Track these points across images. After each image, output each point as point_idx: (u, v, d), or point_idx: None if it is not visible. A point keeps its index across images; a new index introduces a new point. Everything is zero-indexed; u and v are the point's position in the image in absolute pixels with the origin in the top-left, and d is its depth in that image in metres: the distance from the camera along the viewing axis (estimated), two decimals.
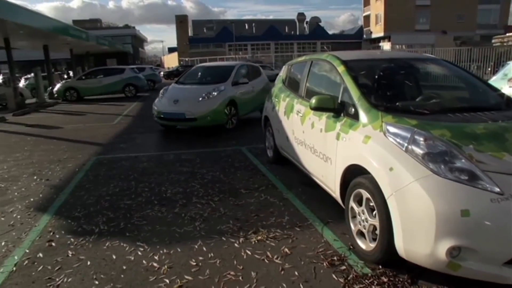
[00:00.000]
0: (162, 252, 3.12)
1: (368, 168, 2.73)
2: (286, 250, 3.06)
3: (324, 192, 3.81)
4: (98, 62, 35.31)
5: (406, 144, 2.54)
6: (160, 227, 3.63)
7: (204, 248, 3.15)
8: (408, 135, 2.58)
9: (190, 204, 4.19)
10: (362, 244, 2.91)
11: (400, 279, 2.58)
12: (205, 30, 66.42)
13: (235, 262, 2.91)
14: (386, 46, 48.24)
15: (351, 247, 3.05)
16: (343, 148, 3.16)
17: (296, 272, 2.74)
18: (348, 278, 2.63)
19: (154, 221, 3.78)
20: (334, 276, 2.68)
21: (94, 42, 25.35)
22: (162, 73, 37.86)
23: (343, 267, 2.78)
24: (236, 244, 3.20)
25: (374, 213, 2.72)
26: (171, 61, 63.37)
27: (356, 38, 58.93)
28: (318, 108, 3.42)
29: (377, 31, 52.13)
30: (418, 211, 2.31)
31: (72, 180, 5.28)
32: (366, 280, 2.58)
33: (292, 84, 5.07)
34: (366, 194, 2.79)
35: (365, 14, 57.12)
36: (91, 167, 5.96)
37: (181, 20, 62.62)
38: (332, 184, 3.42)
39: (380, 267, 2.72)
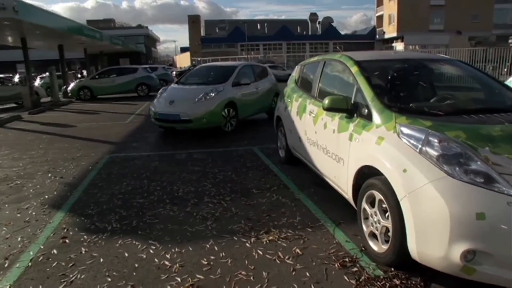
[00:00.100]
0: (174, 250, 3.14)
1: (381, 170, 2.71)
2: (298, 250, 3.05)
3: (336, 193, 3.80)
4: (112, 61, 35.68)
5: (420, 146, 2.52)
6: (172, 225, 3.65)
7: (216, 248, 3.16)
8: (422, 136, 2.55)
9: (202, 203, 4.21)
10: (374, 245, 2.89)
11: (413, 282, 2.55)
12: (217, 30, 66.64)
13: (246, 262, 2.92)
14: (399, 46, 47.78)
15: (363, 248, 3.03)
16: (356, 149, 3.14)
17: (307, 273, 2.74)
18: (360, 280, 2.61)
19: (166, 219, 3.80)
20: (345, 277, 2.67)
21: (108, 42, 25.62)
22: (174, 72, 38.11)
23: (355, 269, 2.77)
24: (247, 244, 3.20)
25: (387, 214, 2.69)
26: (183, 60, 63.67)
27: (368, 38, 58.51)
28: (331, 109, 3.41)
29: (390, 31, 51.67)
30: (432, 214, 2.28)
31: (85, 178, 5.35)
32: (378, 282, 2.56)
33: (304, 85, 5.06)
34: (379, 196, 2.77)
35: (378, 14, 56.67)
36: (104, 166, 6.03)
37: (193, 20, 62.92)
38: (344, 185, 3.40)
39: (393, 269, 2.70)
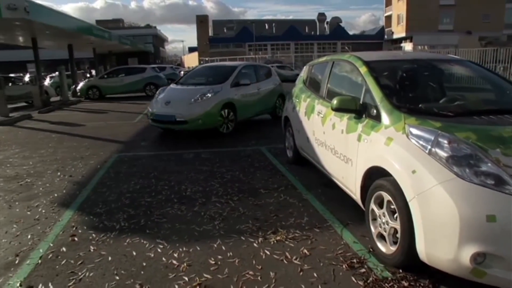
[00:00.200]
0: (181, 250, 3.15)
1: (390, 170, 2.70)
2: (305, 251, 3.05)
3: (343, 194, 3.79)
4: (120, 61, 35.95)
5: (429, 147, 2.50)
6: (179, 225, 3.66)
7: (223, 247, 3.17)
8: (431, 137, 2.53)
9: (210, 203, 4.22)
10: (382, 247, 2.88)
11: (421, 284, 2.54)
12: (225, 30, 66.80)
13: (254, 262, 2.92)
14: (407, 46, 47.48)
15: (371, 249, 3.02)
16: (364, 150, 3.13)
17: (315, 274, 2.73)
18: (368, 281, 2.60)
19: (174, 219, 3.82)
20: (353, 278, 2.65)
21: (117, 42, 25.79)
22: (182, 72, 38.23)
23: (363, 270, 2.75)
24: (255, 244, 3.20)
25: (395, 216, 2.68)
26: (191, 60, 63.87)
27: (377, 38, 58.24)
28: (339, 109, 3.39)
29: (398, 31, 51.36)
30: (441, 215, 2.27)
31: (94, 177, 5.39)
32: (386, 284, 2.55)
33: (313, 85, 5.04)
34: (387, 197, 2.75)
35: (386, 14, 56.38)
36: (113, 165, 6.07)
37: (201, 20, 63.19)
38: (352, 185, 3.39)
39: (401, 271, 2.69)
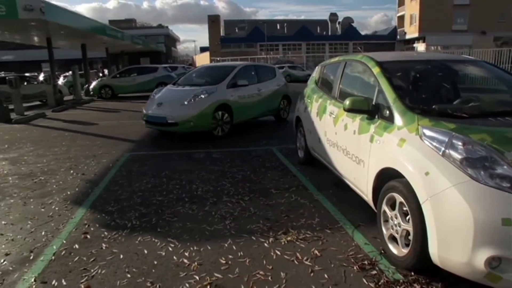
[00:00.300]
0: (192, 249, 3.17)
1: (403, 172, 2.67)
2: (316, 252, 3.04)
3: (355, 195, 3.76)
4: (132, 60, 36.25)
5: (443, 148, 2.47)
6: (190, 224, 3.68)
7: (234, 247, 3.17)
8: (445, 139, 2.50)
9: (221, 202, 4.23)
10: (394, 249, 2.85)
11: (434, 287, 2.51)
12: (236, 30, 66.91)
13: (264, 262, 2.92)
14: (420, 47, 46.98)
15: (383, 251, 2.99)
16: (376, 151, 3.11)
17: (325, 275, 2.72)
18: (379, 283, 2.58)
19: (185, 218, 3.84)
20: (364, 280, 2.64)
21: (129, 41, 26.01)
22: None
23: (374, 272, 2.74)
24: (266, 244, 3.20)
25: (408, 218, 2.65)
26: (203, 60, 64.05)
27: (389, 39, 57.77)
28: (352, 110, 3.38)
29: (411, 31, 50.88)
30: (455, 218, 2.24)
31: (106, 175, 5.45)
32: (398, 287, 2.53)
33: (325, 85, 5.03)
34: (399, 198, 2.73)
35: (399, 14, 55.88)
36: (124, 163, 6.13)
37: (213, 20, 63.35)
38: (364, 187, 3.36)
39: (413, 273, 2.66)
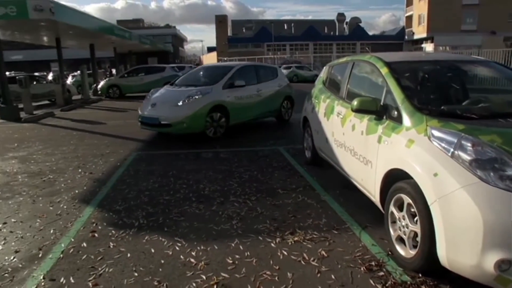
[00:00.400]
0: (199, 248, 3.18)
1: (411, 173, 2.66)
2: (323, 252, 3.03)
3: (362, 196, 3.75)
4: (140, 60, 36.48)
5: (452, 150, 2.45)
6: (197, 223, 3.69)
7: (241, 247, 3.18)
8: (454, 140, 2.48)
9: (228, 202, 4.24)
10: (401, 250, 2.84)
11: None
12: (244, 30, 66.91)
13: (271, 262, 2.92)
14: (428, 47, 46.62)
15: (390, 253, 2.98)
16: (384, 152, 3.09)
17: (332, 276, 2.71)
18: (386, 285, 2.57)
19: (192, 217, 3.85)
20: (371, 281, 2.63)
21: (137, 41, 26.14)
22: None
23: (381, 273, 2.72)
24: (272, 244, 3.20)
25: (416, 219, 2.64)
26: (210, 60, 64.15)
27: (397, 39, 57.35)
28: (359, 110, 3.36)
29: (419, 32, 50.48)
30: (464, 220, 2.22)
31: (113, 174, 5.48)
32: None
33: (332, 86, 5.01)
34: (407, 200, 2.71)
35: (407, 14, 55.45)
36: (132, 162, 6.16)
37: (220, 20, 63.45)
38: (371, 187, 3.35)
39: (420, 275, 2.64)
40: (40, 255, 3.14)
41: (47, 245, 3.32)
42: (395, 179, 2.91)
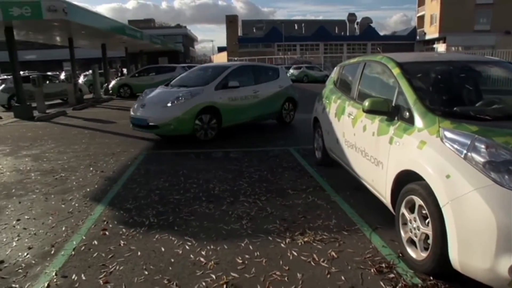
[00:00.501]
0: (209, 248, 3.19)
1: (423, 175, 2.63)
2: (333, 253, 3.02)
3: (373, 197, 3.72)
4: (151, 60, 36.72)
5: (465, 151, 2.42)
6: (207, 223, 3.70)
7: (251, 247, 3.18)
8: (467, 141, 2.45)
9: (237, 202, 4.24)
10: (412, 252, 2.82)
11: None
12: (254, 30, 66.89)
13: (281, 262, 2.91)
14: (440, 47, 46.13)
15: (400, 255, 2.96)
16: (396, 153, 3.07)
17: (342, 277, 2.70)
18: (397, 287, 2.55)
19: (202, 217, 3.86)
20: (382, 283, 2.61)
21: (148, 41, 26.25)
22: None
23: (392, 275, 2.70)
24: (282, 245, 3.20)
25: (427, 221, 2.61)
26: (220, 60, 64.32)
27: (408, 39, 56.85)
28: (371, 111, 3.34)
29: (431, 32, 49.96)
30: (477, 223, 2.19)
31: (124, 173, 5.53)
32: None
33: (343, 86, 4.99)
34: (419, 201, 2.69)
35: (419, 14, 54.94)
36: (142, 161, 6.20)
37: (231, 20, 63.52)
38: (382, 189, 3.32)
39: (431, 278, 2.62)
40: (52, 252, 3.18)
41: (59, 242, 3.37)
42: (407, 181, 2.89)
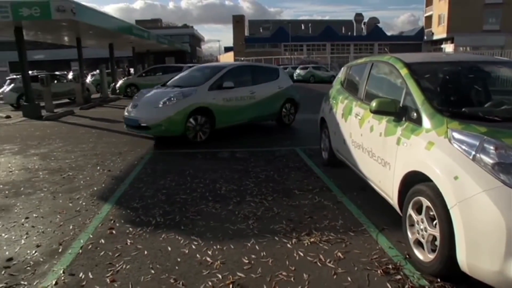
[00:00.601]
0: (215, 247, 3.19)
1: (431, 176, 2.61)
2: (340, 254, 3.01)
3: (380, 198, 3.70)
4: (158, 60, 36.85)
5: (473, 153, 2.40)
6: (214, 223, 3.71)
7: (257, 247, 3.18)
8: (476, 143, 2.43)
9: (244, 202, 4.24)
10: (419, 254, 2.80)
11: None
12: (261, 30, 66.90)
13: (287, 263, 2.91)
14: (448, 48, 45.79)
15: (407, 256, 2.94)
16: (403, 154, 3.05)
17: (349, 278, 2.69)
18: None
19: (208, 216, 3.87)
20: (388, 285, 2.60)
21: (155, 41, 26.36)
22: None
23: (398, 277, 2.69)
24: (288, 245, 3.20)
25: (435, 222, 2.60)
26: (227, 60, 64.45)
27: (416, 39, 56.48)
28: (378, 112, 3.33)
29: (439, 32, 49.58)
30: (486, 224, 2.17)
31: (131, 172, 5.55)
32: None
33: (351, 86, 4.97)
34: (426, 203, 2.67)
35: (426, 14, 54.55)
36: (149, 161, 6.23)
37: (237, 20, 63.54)
38: (389, 190, 3.31)
39: (439, 280, 2.60)
40: (60, 250, 3.21)
41: (66, 240, 3.39)
42: (414, 182, 2.87)
